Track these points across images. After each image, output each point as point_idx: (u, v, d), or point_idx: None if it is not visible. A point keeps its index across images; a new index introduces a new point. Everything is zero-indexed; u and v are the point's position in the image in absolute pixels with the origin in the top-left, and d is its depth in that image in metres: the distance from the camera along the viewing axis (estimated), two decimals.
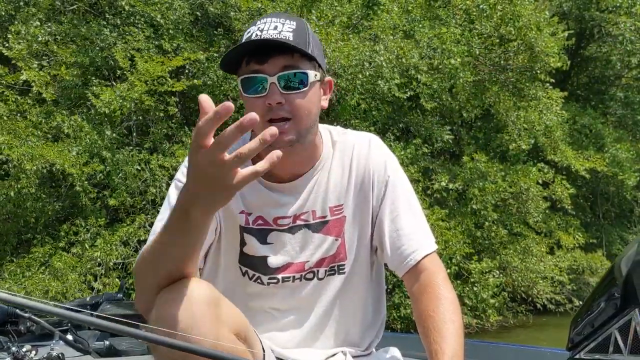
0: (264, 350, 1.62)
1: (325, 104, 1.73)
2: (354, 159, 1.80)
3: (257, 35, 1.58)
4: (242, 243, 1.76)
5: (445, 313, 1.60)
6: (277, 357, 1.75)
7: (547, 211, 13.81)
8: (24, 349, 2.65)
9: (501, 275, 12.08)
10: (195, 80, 10.75)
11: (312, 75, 1.63)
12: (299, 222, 1.76)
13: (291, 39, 1.57)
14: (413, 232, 1.75)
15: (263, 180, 1.74)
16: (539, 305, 13.53)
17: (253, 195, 1.75)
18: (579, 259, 14.42)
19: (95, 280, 9.80)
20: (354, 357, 1.87)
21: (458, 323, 1.60)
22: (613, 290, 1.59)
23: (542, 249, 13.84)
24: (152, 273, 1.41)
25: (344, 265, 1.81)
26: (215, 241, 1.77)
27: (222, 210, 1.72)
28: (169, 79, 10.21)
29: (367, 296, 1.88)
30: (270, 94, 1.57)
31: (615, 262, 1.62)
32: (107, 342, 3.22)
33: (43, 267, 9.78)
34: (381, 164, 1.80)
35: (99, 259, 9.85)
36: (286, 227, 1.76)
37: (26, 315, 2.89)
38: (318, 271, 1.79)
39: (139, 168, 10.29)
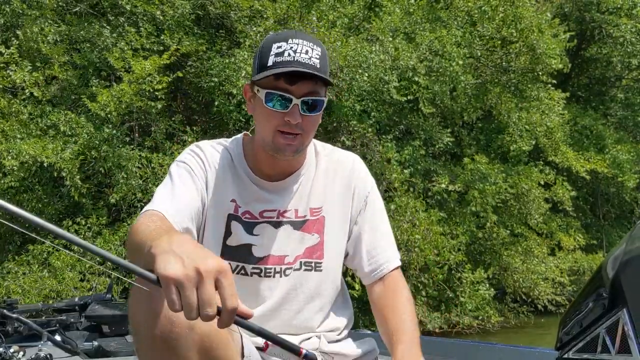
0: (242, 338, 1.69)
1: (320, 119, 1.89)
2: (338, 171, 2.01)
3: (289, 55, 1.74)
4: (227, 233, 1.86)
5: (405, 321, 1.83)
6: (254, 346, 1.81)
7: (547, 212, 13.83)
8: (11, 350, 2.66)
9: (491, 287, 12.10)
10: (179, 73, 10.79)
11: (325, 101, 1.83)
12: (282, 219, 1.90)
13: (318, 66, 1.76)
14: (387, 246, 1.99)
15: (253, 177, 1.91)
16: (539, 307, 13.54)
17: (243, 190, 1.89)
18: (580, 260, 14.44)
19: (95, 280, 9.85)
20: (329, 341, 1.96)
21: (415, 326, 1.83)
22: (601, 291, 1.60)
23: (544, 250, 13.87)
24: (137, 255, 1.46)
25: (321, 263, 1.94)
26: (201, 229, 1.86)
27: (211, 196, 1.86)
28: (157, 76, 10.22)
29: (338, 295, 2.03)
30: (291, 113, 1.75)
31: (603, 262, 1.63)
32: (95, 343, 3.22)
33: (42, 266, 9.82)
34: (362, 181, 2.02)
35: (98, 258, 9.88)
36: (272, 220, 1.90)
37: (14, 315, 2.89)
38: (296, 266, 1.91)
39: (140, 165, 10.34)
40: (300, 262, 1.91)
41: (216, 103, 10.95)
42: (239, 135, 2.00)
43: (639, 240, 1.55)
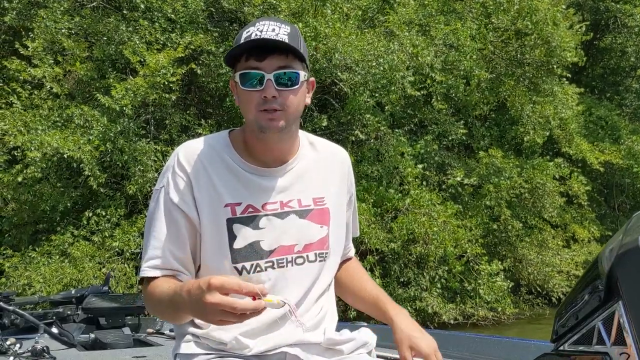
0: None
1: (308, 101, 1.91)
2: (335, 164, 2.05)
3: (256, 35, 1.75)
4: (232, 238, 1.82)
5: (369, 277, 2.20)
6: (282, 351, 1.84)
7: (562, 204, 13.78)
8: (8, 342, 2.66)
9: (507, 279, 12.08)
10: (192, 64, 10.85)
11: (302, 75, 1.81)
12: (286, 209, 1.89)
13: (287, 41, 1.75)
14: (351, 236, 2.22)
15: (247, 166, 1.87)
16: (553, 299, 13.50)
17: (240, 185, 1.86)
18: (595, 252, 14.35)
19: (113, 269, 9.98)
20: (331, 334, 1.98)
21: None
22: (597, 283, 1.60)
23: (559, 243, 13.82)
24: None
25: (327, 254, 1.95)
26: (199, 243, 1.86)
27: (204, 208, 1.83)
28: (171, 68, 10.28)
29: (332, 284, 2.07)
30: (266, 88, 1.75)
31: (599, 254, 1.64)
32: (92, 335, 3.22)
33: (63, 257, 9.96)
34: (351, 178, 2.11)
35: (117, 249, 10.04)
36: (276, 212, 1.87)
37: (11, 308, 2.91)
38: (308, 256, 1.90)
39: (155, 159, 10.42)
40: (315, 253, 1.91)
41: (227, 99, 10.99)
42: (223, 131, 1.98)
43: (636, 232, 1.55)
